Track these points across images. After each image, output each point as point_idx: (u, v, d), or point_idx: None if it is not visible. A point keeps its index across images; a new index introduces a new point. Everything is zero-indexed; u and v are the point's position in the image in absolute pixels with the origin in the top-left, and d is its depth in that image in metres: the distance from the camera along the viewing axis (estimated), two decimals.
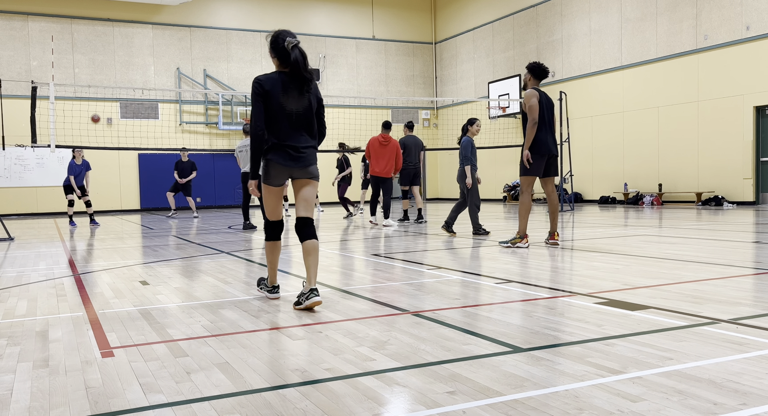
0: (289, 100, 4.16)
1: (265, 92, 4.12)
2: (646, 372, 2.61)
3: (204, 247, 8.55)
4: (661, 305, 3.91)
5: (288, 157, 4.20)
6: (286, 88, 4.15)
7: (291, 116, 4.17)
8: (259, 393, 2.51)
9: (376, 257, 7.03)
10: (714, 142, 15.83)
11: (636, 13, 17.66)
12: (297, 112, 4.19)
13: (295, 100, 4.17)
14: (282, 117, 4.16)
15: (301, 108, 4.20)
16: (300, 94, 4.18)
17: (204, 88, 22.16)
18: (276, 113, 4.15)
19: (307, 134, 4.27)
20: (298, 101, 4.18)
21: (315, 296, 4.04)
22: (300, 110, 4.20)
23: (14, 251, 8.71)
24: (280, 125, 4.17)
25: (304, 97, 4.20)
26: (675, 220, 11.38)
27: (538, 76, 7.41)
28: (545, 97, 7.40)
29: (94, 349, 3.25)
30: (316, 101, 4.33)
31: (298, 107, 4.19)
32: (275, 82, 4.15)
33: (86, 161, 14.39)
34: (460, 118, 24.25)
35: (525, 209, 7.46)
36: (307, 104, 4.24)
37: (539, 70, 7.39)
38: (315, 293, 4.05)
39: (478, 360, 2.84)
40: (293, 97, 4.16)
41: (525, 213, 7.46)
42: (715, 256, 6.24)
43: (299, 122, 4.22)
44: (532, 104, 7.20)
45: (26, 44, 20.21)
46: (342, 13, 24.63)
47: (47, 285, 5.47)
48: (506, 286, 4.84)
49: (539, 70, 7.39)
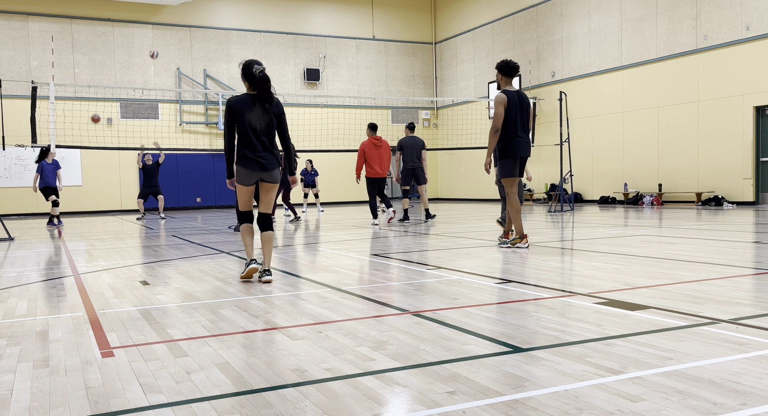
0: (253, 117, 5.13)
1: (236, 112, 5.10)
2: (646, 372, 2.61)
3: (204, 247, 8.55)
4: (661, 306, 3.91)
5: (252, 163, 5.18)
6: (252, 107, 5.13)
7: (255, 130, 5.14)
8: (259, 393, 2.51)
9: (376, 257, 7.03)
10: (714, 142, 15.83)
11: (636, 13, 17.66)
12: (261, 126, 5.15)
13: (259, 117, 5.14)
14: (249, 129, 5.13)
15: (264, 123, 5.17)
16: (263, 111, 5.15)
17: (204, 88, 22.16)
18: (246, 126, 5.12)
19: (270, 144, 5.23)
20: (261, 118, 5.14)
21: (268, 275, 5.27)
22: (263, 124, 5.16)
23: (14, 251, 8.71)
24: (249, 136, 5.14)
25: (267, 114, 5.16)
26: (675, 220, 11.38)
27: (508, 74, 7.29)
28: (518, 98, 7.28)
29: (94, 349, 3.25)
30: (277, 118, 5.25)
31: (261, 121, 5.15)
32: (244, 102, 5.13)
33: (56, 161, 14.05)
34: (460, 118, 24.26)
35: (515, 210, 7.45)
36: (269, 120, 5.19)
37: (508, 68, 7.26)
38: (268, 273, 5.29)
39: (478, 360, 2.84)
40: (258, 114, 5.14)
41: (516, 214, 7.44)
42: (715, 256, 6.24)
43: (263, 135, 5.18)
44: (497, 113, 7.19)
45: (26, 44, 20.21)
46: (342, 13, 24.63)
47: (47, 285, 5.48)
48: (506, 286, 4.84)
49: (508, 68, 7.26)
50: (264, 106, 5.14)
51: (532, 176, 21.87)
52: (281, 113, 5.27)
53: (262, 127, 5.16)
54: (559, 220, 12.24)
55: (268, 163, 5.21)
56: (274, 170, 5.26)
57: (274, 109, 5.21)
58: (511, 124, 7.23)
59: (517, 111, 7.26)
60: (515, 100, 7.25)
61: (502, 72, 7.31)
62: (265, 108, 5.15)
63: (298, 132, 22.94)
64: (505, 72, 7.29)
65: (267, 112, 5.17)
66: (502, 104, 7.18)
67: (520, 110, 7.30)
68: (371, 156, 11.66)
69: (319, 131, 22.89)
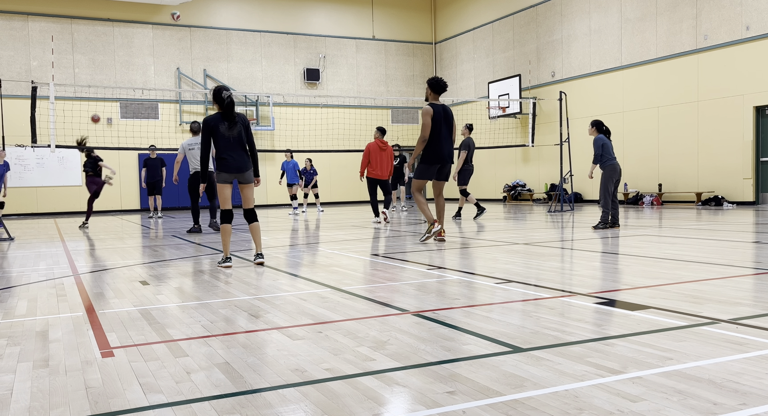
0: (227, 129, 6.35)
1: (212, 127, 6.35)
2: (646, 372, 2.61)
3: (204, 247, 8.55)
4: (661, 305, 3.91)
5: (229, 166, 6.35)
6: (224, 122, 6.36)
7: (229, 139, 6.35)
8: (259, 393, 2.51)
9: (376, 257, 7.03)
10: (714, 142, 15.83)
11: (636, 13, 17.66)
12: (232, 136, 6.36)
13: (229, 129, 6.36)
14: (224, 140, 6.34)
15: (235, 133, 6.38)
16: (232, 124, 6.37)
17: (204, 88, 22.16)
18: (221, 137, 6.35)
19: (241, 150, 6.43)
20: (231, 130, 6.37)
21: (260, 258, 6.46)
22: (234, 134, 6.38)
23: (14, 251, 8.71)
24: (224, 145, 6.35)
25: (236, 127, 6.39)
26: (675, 220, 11.38)
27: (435, 90, 8.16)
28: (442, 111, 8.09)
29: (94, 349, 3.25)
30: (244, 128, 6.46)
31: (232, 133, 6.37)
32: (218, 120, 6.36)
33: (7, 162, 13.51)
34: (461, 118, 24.25)
35: (421, 205, 8.35)
36: (239, 131, 6.40)
37: (437, 86, 8.13)
38: (260, 257, 6.48)
39: (478, 360, 2.84)
40: (229, 127, 6.36)
41: (424, 207, 8.35)
42: (715, 256, 6.24)
43: (235, 143, 6.39)
44: (425, 123, 8.05)
45: (26, 44, 20.21)
46: (342, 13, 24.63)
47: (47, 285, 5.48)
48: (506, 286, 4.84)
49: (437, 85, 8.14)
50: (231, 120, 6.38)
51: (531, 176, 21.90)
52: (248, 125, 6.53)
53: (234, 136, 6.35)
54: (559, 220, 12.24)
55: (242, 165, 6.40)
56: (247, 171, 6.44)
57: (241, 121, 6.46)
58: (434, 134, 8.06)
59: (442, 123, 8.09)
60: (441, 113, 8.09)
61: (431, 88, 8.23)
62: (234, 121, 6.39)
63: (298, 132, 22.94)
64: (434, 88, 8.18)
65: (236, 124, 6.40)
66: (429, 115, 8.05)
67: (445, 121, 8.13)
68: (375, 158, 12.24)
69: (318, 131, 22.89)
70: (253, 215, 6.64)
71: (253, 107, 22.97)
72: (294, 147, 21.53)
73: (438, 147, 8.11)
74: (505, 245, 7.83)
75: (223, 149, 6.34)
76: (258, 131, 22.84)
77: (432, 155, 8.15)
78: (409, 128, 25.82)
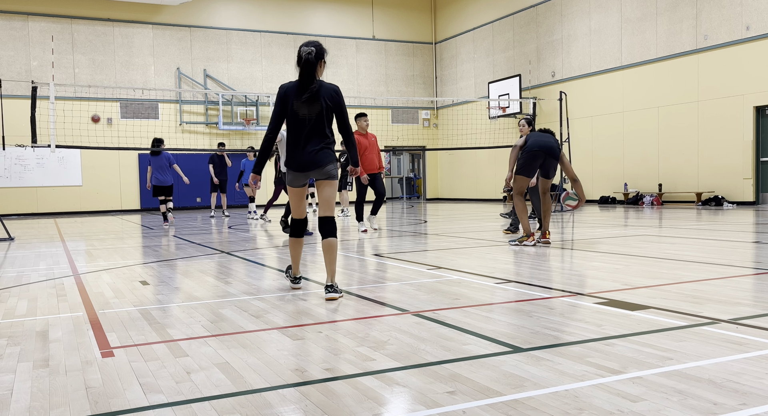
0: (301, 106, 4.48)
1: (282, 97, 4.54)
2: (646, 372, 2.61)
3: (204, 247, 8.55)
4: (661, 306, 3.91)
5: (298, 162, 4.56)
6: (299, 94, 4.50)
7: (303, 121, 4.50)
8: (259, 393, 2.51)
9: (376, 257, 7.03)
10: (714, 142, 15.83)
11: (636, 13, 17.66)
12: (309, 117, 4.49)
13: (305, 104, 4.49)
14: (296, 121, 4.52)
15: (313, 113, 4.49)
16: (312, 98, 4.48)
17: (204, 88, 22.16)
18: (291, 117, 4.53)
19: (318, 138, 4.53)
20: (309, 106, 4.49)
21: (331, 292, 4.46)
22: (312, 115, 4.49)
23: (14, 251, 8.71)
24: (294, 129, 4.55)
25: (316, 102, 4.49)
26: (675, 220, 11.38)
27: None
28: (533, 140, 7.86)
29: (94, 349, 3.25)
30: (330, 106, 4.57)
31: (309, 111, 4.49)
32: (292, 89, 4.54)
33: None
34: (461, 118, 24.26)
35: (520, 209, 7.80)
36: (320, 110, 4.50)
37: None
38: (331, 289, 4.47)
39: (478, 360, 2.84)
40: (307, 102, 4.48)
41: (522, 212, 7.78)
42: (715, 256, 6.24)
43: (311, 127, 4.52)
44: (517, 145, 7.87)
45: (26, 44, 20.21)
46: (342, 13, 24.62)
47: (47, 285, 5.47)
48: (506, 286, 4.84)
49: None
50: (312, 93, 4.44)
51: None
52: (339, 102, 4.57)
53: (312, 118, 4.47)
54: (559, 220, 12.24)
55: (316, 159, 4.50)
56: (326, 165, 4.53)
57: (327, 96, 4.51)
58: None
59: None
60: None
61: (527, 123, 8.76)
62: (315, 94, 4.45)
63: None
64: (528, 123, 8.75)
65: (317, 99, 4.47)
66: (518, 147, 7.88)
67: None
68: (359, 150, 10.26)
69: None
70: (331, 226, 4.60)
71: (254, 106, 22.97)
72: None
73: (537, 137, 7.67)
74: (505, 245, 7.83)
75: (293, 137, 4.51)
76: (258, 131, 22.84)
77: (534, 144, 7.61)
78: (410, 128, 25.81)
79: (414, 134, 25.63)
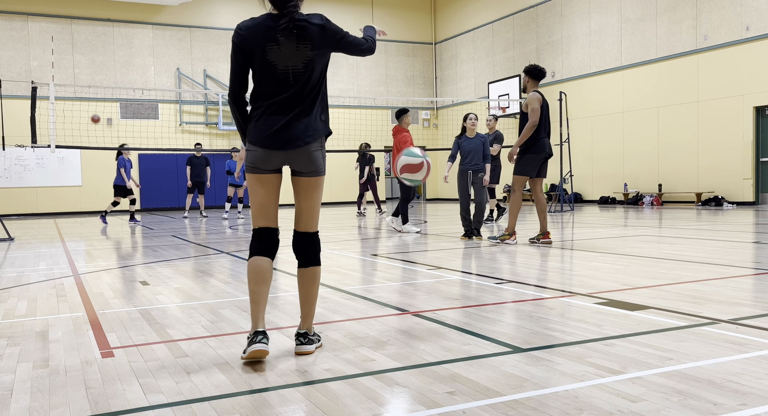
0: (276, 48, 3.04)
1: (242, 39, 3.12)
2: (646, 372, 2.61)
3: (204, 247, 8.55)
4: (661, 306, 3.91)
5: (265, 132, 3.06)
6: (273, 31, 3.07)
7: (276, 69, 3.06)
8: (259, 393, 2.51)
9: (376, 257, 7.03)
10: (714, 142, 15.83)
11: (636, 14, 17.66)
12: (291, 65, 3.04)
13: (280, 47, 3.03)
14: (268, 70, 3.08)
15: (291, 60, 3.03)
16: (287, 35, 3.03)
17: (204, 88, 22.16)
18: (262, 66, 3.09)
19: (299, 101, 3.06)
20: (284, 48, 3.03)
21: (303, 344, 3.06)
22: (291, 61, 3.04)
23: (14, 251, 8.71)
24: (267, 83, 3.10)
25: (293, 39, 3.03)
26: (675, 220, 11.38)
27: (536, 77, 7.64)
28: (544, 100, 7.62)
29: (94, 349, 3.25)
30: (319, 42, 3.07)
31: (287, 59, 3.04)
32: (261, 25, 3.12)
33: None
34: (460, 118, 24.25)
35: (516, 208, 7.80)
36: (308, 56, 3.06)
37: (536, 72, 7.61)
38: (304, 339, 3.07)
39: (478, 361, 2.84)
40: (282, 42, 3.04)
41: (516, 211, 7.79)
42: (714, 256, 6.24)
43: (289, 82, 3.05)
44: (534, 108, 7.44)
45: (26, 44, 20.21)
46: (342, 13, 24.63)
47: (47, 285, 5.47)
48: (506, 286, 4.84)
49: (536, 71, 7.62)
50: (287, 28, 2.98)
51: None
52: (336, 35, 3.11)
53: (297, 68, 3.02)
54: (559, 220, 12.24)
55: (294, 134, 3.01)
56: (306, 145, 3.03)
57: (316, 32, 3.03)
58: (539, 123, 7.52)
59: (545, 112, 7.60)
60: (544, 101, 7.59)
61: (530, 75, 7.71)
62: (291, 30, 2.99)
63: None
64: (534, 75, 7.64)
65: (292, 34, 2.99)
66: (538, 101, 7.48)
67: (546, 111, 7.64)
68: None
69: None
70: (313, 247, 3.17)
71: None
72: None
73: (543, 137, 7.53)
74: (506, 245, 7.82)
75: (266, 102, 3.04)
76: None
77: (541, 144, 7.48)
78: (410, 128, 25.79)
79: (414, 134, 25.63)
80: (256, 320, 2.99)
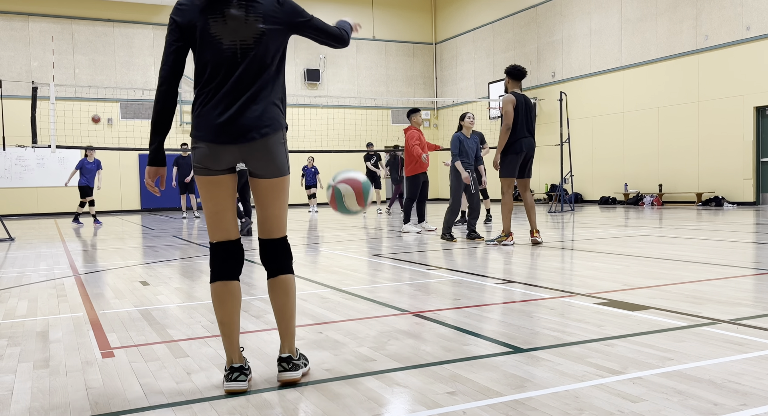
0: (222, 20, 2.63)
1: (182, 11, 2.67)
2: (646, 372, 2.61)
3: (204, 247, 8.55)
4: (661, 306, 3.91)
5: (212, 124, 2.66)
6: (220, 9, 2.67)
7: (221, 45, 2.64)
8: (259, 393, 2.51)
9: (376, 257, 7.03)
10: (714, 142, 15.82)
11: (636, 14, 17.66)
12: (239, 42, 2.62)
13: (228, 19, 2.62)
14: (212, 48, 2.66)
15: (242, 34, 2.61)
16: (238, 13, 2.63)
17: None
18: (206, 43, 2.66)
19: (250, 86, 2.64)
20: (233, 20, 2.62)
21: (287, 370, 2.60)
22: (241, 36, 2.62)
23: (15, 251, 8.71)
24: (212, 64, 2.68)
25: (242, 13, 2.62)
26: (675, 220, 11.38)
27: (516, 78, 7.73)
28: (523, 100, 7.63)
29: (95, 349, 3.25)
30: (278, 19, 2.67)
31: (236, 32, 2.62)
32: None
33: None
34: None
35: (507, 209, 7.84)
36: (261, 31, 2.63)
37: (516, 72, 7.67)
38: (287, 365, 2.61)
39: (479, 361, 2.84)
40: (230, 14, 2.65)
41: (507, 213, 7.83)
42: (715, 256, 6.24)
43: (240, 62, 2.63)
44: (507, 111, 7.53)
45: (27, 45, 20.22)
46: (342, 13, 24.62)
47: (48, 286, 5.47)
48: (506, 286, 4.84)
49: (516, 71, 7.67)
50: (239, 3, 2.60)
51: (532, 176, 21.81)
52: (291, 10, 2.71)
53: (247, 44, 2.60)
54: (560, 220, 12.24)
55: (247, 125, 2.59)
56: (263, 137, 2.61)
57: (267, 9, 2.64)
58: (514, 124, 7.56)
59: (522, 113, 7.60)
60: (522, 101, 7.62)
61: (509, 75, 7.73)
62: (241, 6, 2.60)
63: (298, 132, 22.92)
64: (513, 76, 7.69)
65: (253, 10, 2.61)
66: (511, 103, 7.56)
67: (526, 112, 7.64)
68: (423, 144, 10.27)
69: (319, 132, 22.89)
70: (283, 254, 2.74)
71: None
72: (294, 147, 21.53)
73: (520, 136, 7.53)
74: (506, 245, 7.82)
75: (209, 87, 2.63)
76: None
77: (518, 145, 7.52)
78: None
79: None
80: (231, 354, 2.60)
